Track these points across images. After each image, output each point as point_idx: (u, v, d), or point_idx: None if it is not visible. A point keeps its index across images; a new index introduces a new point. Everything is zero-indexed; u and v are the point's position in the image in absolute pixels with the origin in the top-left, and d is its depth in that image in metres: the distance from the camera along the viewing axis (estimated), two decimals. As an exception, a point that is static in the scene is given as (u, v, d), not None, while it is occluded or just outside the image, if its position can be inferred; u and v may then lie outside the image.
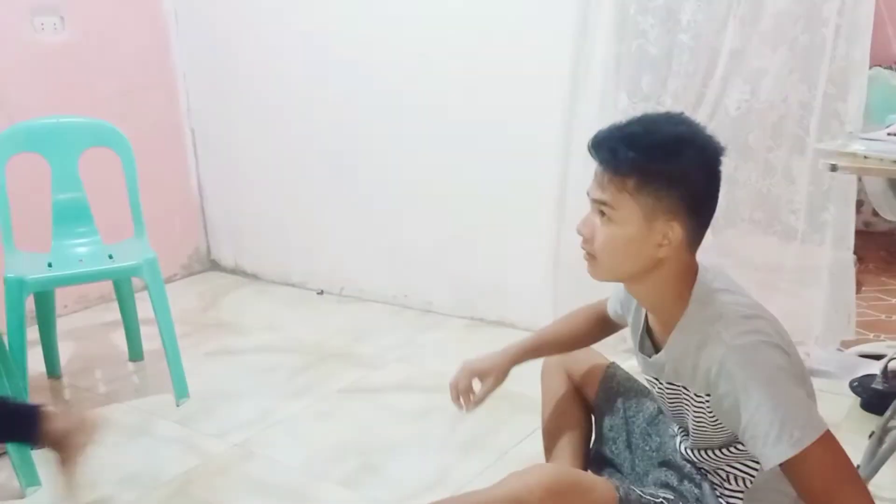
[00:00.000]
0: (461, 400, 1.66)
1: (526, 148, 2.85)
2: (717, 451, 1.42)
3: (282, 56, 3.36)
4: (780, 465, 1.20)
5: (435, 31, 2.95)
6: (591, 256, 1.34)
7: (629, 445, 1.63)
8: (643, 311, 1.44)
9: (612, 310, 1.61)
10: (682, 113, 1.34)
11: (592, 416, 1.71)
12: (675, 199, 1.25)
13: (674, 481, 1.49)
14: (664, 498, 1.44)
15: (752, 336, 1.23)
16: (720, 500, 1.44)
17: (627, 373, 1.70)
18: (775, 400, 1.18)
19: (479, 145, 2.96)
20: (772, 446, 1.18)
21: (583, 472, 1.51)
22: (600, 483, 1.40)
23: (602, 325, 1.68)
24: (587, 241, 1.33)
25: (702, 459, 1.47)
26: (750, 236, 2.57)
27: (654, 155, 1.24)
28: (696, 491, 1.45)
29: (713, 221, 1.33)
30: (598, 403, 1.69)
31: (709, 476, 1.46)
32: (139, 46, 3.49)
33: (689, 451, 1.50)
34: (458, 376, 1.67)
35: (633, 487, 1.43)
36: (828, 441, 1.19)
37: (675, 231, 1.26)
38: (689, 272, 1.32)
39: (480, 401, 1.67)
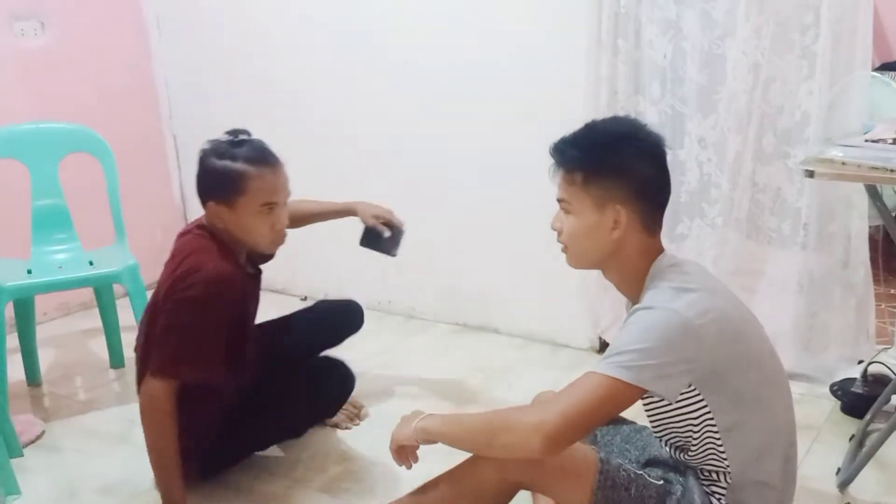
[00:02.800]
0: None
1: (511, 157, 2.86)
2: (691, 450, 1.48)
3: (264, 61, 3.35)
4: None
5: (424, 33, 2.95)
6: (564, 248, 1.53)
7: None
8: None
9: None
10: (627, 115, 1.53)
11: None
12: (620, 187, 1.44)
13: (658, 472, 1.53)
14: (647, 476, 1.49)
15: (666, 303, 1.37)
16: (706, 490, 1.48)
17: None
18: (631, 336, 1.35)
19: (466, 150, 2.96)
20: (600, 359, 1.37)
21: None
22: (583, 445, 1.51)
23: None
24: (559, 235, 1.52)
25: (682, 460, 1.52)
26: (770, 246, 2.58)
27: (594, 151, 1.45)
28: (682, 479, 1.50)
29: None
30: None
31: (694, 472, 1.50)
32: (120, 52, 3.47)
33: (672, 452, 1.54)
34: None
35: (613, 458, 1.51)
36: (611, 386, 1.32)
37: (623, 215, 1.44)
38: (651, 253, 1.48)
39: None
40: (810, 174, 1.85)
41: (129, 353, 2.82)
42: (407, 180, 3.13)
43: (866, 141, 1.90)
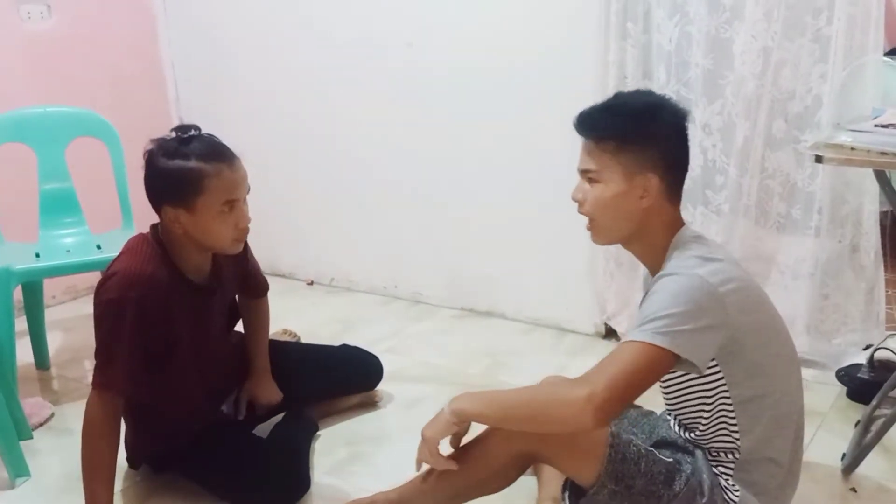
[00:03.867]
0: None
1: (514, 142, 2.85)
2: (701, 427, 1.50)
3: (271, 45, 3.35)
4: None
5: (431, 17, 2.94)
6: (590, 221, 1.52)
7: None
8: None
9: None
10: (650, 89, 1.55)
11: None
12: (650, 155, 1.45)
13: (667, 452, 1.56)
14: (657, 453, 1.51)
15: (690, 269, 1.40)
16: (714, 469, 1.50)
17: None
18: (662, 302, 1.37)
19: (473, 136, 2.95)
20: (633, 328, 1.39)
21: None
22: None
23: None
24: (581, 205, 1.51)
25: (691, 439, 1.54)
26: (780, 232, 2.57)
27: (629, 119, 1.46)
28: (690, 458, 1.52)
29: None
30: None
31: (703, 452, 1.53)
32: (127, 35, 3.46)
33: (680, 431, 1.55)
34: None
35: (623, 433, 1.52)
36: (649, 353, 1.33)
37: (653, 183, 1.46)
38: (674, 225, 1.50)
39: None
40: (819, 159, 1.84)
41: (137, 337, 2.84)
42: (413, 166, 3.13)
43: (876, 126, 1.89)
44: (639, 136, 1.45)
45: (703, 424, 1.50)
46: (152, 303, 1.81)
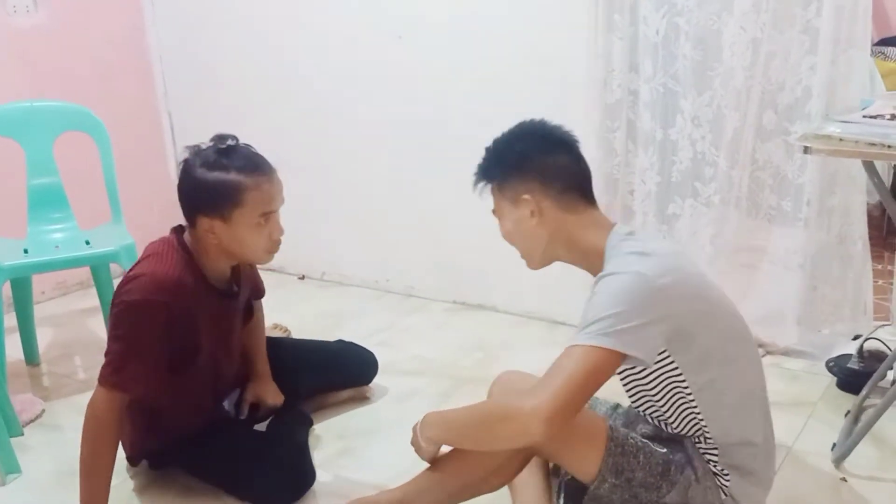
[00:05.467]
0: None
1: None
2: (670, 418, 1.55)
3: (259, 38, 3.33)
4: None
5: (420, 11, 2.92)
6: (519, 252, 1.67)
7: None
8: None
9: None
10: (533, 119, 1.64)
11: None
12: (523, 181, 1.58)
13: (658, 445, 1.57)
14: (652, 444, 1.53)
15: (629, 266, 1.44)
16: (703, 457, 1.53)
17: None
18: (603, 303, 1.41)
19: (465, 128, 2.94)
20: (576, 332, 1.43)
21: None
22: (591, 412, 1.59)
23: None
24: (506, 239, 1.67)
25: (670, 432, 1.57)
26: (770, 224, 2.57)
27: (494, 157, 1.63)
28: (680, 448, 1.55)
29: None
30: None
31: (689, 441, 1.55)
32: (114, 29, 3.44)
33: (656, 423, 1.58)
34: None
35: (619, 427, 1.56)
36: (594, 356, 1.36)
37: (535, 203, 1.56)
38: (598, 228, 1.57)
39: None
40: (807, 150, 1.84)
41: (128, 332, 2.83)
42: (405, 158, 3.12)
43: (864, 117, 1.90)
44: (505, 167, 1.60)
45: (671, 414, 1.53)
46: (178, 309, 1.81)
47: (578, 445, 1.49)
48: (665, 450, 1.53)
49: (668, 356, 1.45)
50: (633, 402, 1.61)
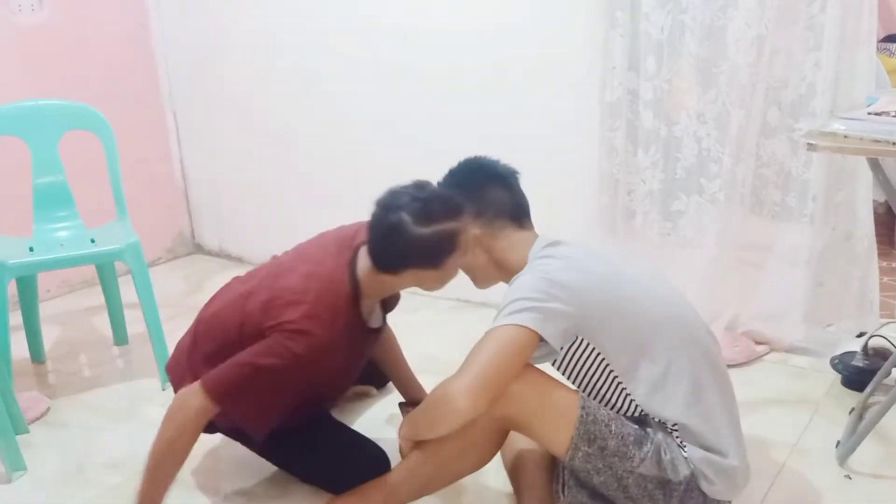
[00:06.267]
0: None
1: (513, 133, 2.84)
2: (611, 399, 1.62)
3: (263, 37, 3.33)
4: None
5: (424, 11, 2.93)
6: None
7: None
8: None
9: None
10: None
11: None
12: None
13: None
14: (623, 418, 1.59)
15: (532, 268, 1.63)
16: (665, 427, 1.59)
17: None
18: (509, 296, 1.58)
19: (466, 123, 2.94)
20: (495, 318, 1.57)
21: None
22: (563, 384, 1.64)
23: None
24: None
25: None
26: (775, 220, 2.57)
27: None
28: (647, 426, 1.60)
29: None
30: None
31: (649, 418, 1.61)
32: (119, 27, 3.45)
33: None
34: None
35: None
36: (506, 335, 1.53)
37: (463, 242, 1.72)
38: (522, 246, 1.72)
39: None
40: (812, 147, 1.84)
41: (133, 331, 2.84)
42: (409, 158, 3.11)
43: (869, 114, 1.89)
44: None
45: (612, 398, 1.61)
46: (326, 366, 1.73)
47: (551, 416, 1.56)
48: (637, 425, 1.58)
49: (587, 342, 1.57)
50: (574, 383, 1.68)
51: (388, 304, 2.07)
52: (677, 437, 1.57)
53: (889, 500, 1.91)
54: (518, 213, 1.79)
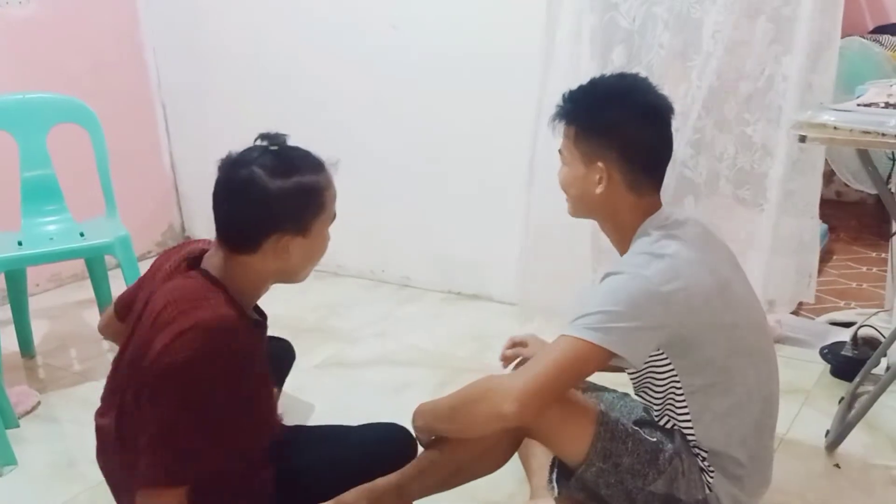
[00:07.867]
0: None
1: (500, 123, 2.84)
2: (656, 404, 1.55)
3: (253, 29, 3.32)
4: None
5: (407, 6, 2.93)
6: (565, 194, 1.58)
7: None
8: None
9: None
10: (636, 74, 1.53)
11: None
12: (605, 146, 1.47)
13: (649, 432, 1.56)
14: (642, 432, 1.52)
15: (635, 268, 1.42)
16: (692, 451, 1.52)
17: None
18: (599, 298, 1.40)
19: (455, 120, 2.94)
20: (569, 322, 1.40)
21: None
22: (584, 396, 1.58)
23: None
24: (560, 183, 1.57)
25: (663, 423, 1.56)
26: (729, 208, 2.57)
27: (586, 108, 1.49)
28: (670, 439, 1.53)
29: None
30: None
31: (680, 433, 1.54)
32: (107, 20, 3.42)
33: (650, 414, 1.57)
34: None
35: (611, 412, 1.54)
36: (578, 348, 1.36)
37: (607, 174, 1.47)
38: (642, 210, 1.50)
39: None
40: (802, 139, 1.84)
41: (123, 324, 2.83)
42: (399, 150, 3.12)
43: (858, 105, 1.90)
44: (593, 126, 1.48)
45: (657, 404, 1.54)
46: (239, 351, 1.44)
47: (569, 428, 1.49)
48: (654, 438, 1.52)
49: (665, 357, 1.45)
50: (634, 386, 1.61)
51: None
52: (706, 462, 1.51)
53: (877, 489, 1.92)
54: (661, 170, 1.54)
